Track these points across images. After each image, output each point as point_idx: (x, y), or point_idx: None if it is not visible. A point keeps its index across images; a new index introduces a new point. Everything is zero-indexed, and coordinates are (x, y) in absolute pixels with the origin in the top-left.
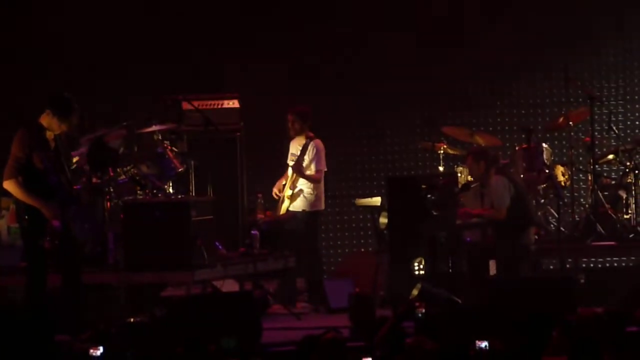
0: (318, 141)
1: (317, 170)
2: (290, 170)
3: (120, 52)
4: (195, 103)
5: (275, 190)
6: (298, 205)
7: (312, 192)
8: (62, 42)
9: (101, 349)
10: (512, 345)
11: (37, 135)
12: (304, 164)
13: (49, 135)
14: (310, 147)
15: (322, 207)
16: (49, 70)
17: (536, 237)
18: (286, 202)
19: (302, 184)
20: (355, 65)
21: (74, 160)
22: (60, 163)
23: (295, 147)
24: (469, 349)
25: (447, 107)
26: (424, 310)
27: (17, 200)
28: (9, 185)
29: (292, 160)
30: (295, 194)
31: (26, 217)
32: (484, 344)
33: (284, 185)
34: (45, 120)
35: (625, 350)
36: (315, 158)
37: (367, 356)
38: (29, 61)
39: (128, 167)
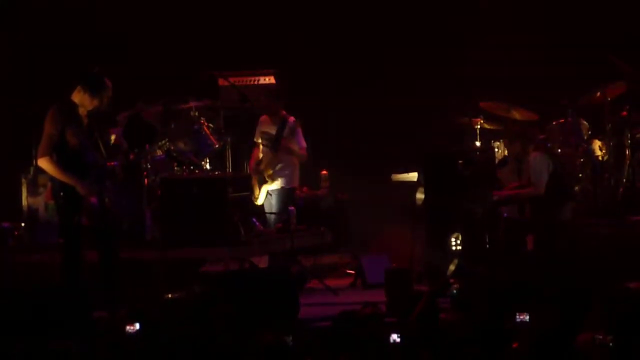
0: (293, 118)
1: (301, 148)
2: (264, 149)
3: (156, 28)
4: (232, 79)
5: (251, 171)
6: (277, 183)
7: (292, 170)
8: (95, 18)
9: (137, 325)
10: (550, 320)
11: (70, 112)
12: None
13: (82, 111)
14: (287, 125)
15: (297, 183)
16: (84, 46)
17: (574, 211)
18: (268, 182)
19: (285, 162)
20: (389, 39)
21: (112, 137)
22: (94, 139)
23: (267, 126)
24: (504, 322)
25: (484, 81)
26: (458, 287)
27: (53, 178)
28: (42, 163)
29: (266, 139)
30: (276, 173)
31: (61, 194)
32: (525, 317)
33: (258, 164)
34: (77, 97)
35: None
36: (297, 136)
37: (396, 332)
38: (62, 36)
39: (164, 142)
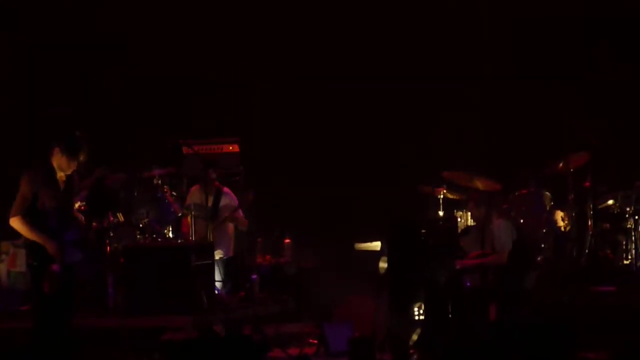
0: (227, 189)
1: (243, 218)
2: (196, 220)
3: (121, 95)
4: (196, 147)
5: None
6: (215, 254)
7: (229, 240)
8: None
9: None
10: None
11: (47, 175)
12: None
13: (60, 176)
14: (223, 196)
15: (233, 252)
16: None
17: (536, 281)
18: None
19: (221, 233)
20: (353, 108)
21: (76, 206)
22: (69, 205)
23: (198, 196)
24: None
25: (446, 151)
26: (417, 357)
27: (26, 244)
28: (14, 222)
29: (198, 211)
30: (215, 244)
31: (34, 259)
32: None
33: (189, 235)
34: (56, 160)
35: None
36: (236, 206)
37: None
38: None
39: (128, 211)
